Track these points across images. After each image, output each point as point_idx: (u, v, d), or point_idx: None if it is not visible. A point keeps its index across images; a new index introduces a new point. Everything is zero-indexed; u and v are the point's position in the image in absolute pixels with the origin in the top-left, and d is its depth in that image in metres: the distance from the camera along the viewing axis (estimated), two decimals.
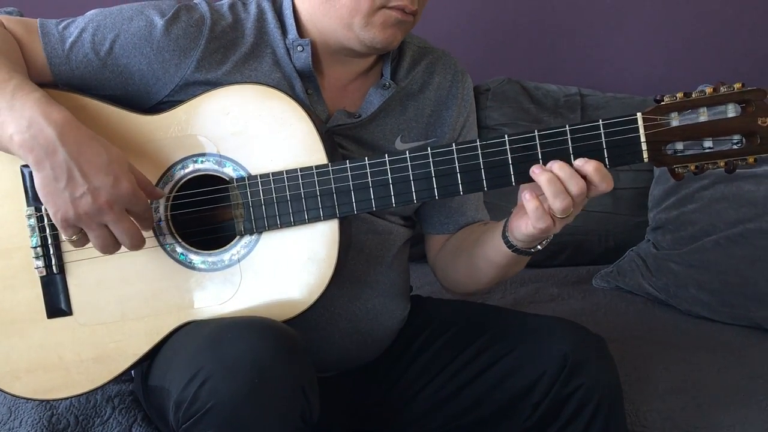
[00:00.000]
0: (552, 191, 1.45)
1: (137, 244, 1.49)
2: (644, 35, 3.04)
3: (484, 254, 1.68)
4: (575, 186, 1.45)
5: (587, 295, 2.53)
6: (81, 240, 1.48)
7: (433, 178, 1.50)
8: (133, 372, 1.81)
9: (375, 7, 1.59)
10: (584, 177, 1.45)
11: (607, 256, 2.69)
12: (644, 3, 3.02)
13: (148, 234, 1.56)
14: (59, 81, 1.62)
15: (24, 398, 1.63)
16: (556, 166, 1.45)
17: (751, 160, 1.42)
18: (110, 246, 1.49)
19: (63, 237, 1.51)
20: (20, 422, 1.74)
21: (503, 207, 2.66)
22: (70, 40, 1.61)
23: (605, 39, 3.05)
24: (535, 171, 1.46)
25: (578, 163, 1.45)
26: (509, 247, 1.59)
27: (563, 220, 1.49)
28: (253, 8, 1.70)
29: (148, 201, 1.49)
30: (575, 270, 2.69)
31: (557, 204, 1.45)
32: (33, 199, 1.56)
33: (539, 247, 1.59)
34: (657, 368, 2.10)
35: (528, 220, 1.49)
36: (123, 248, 1.54)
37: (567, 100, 2.79)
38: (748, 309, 2.36)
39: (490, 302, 2.39)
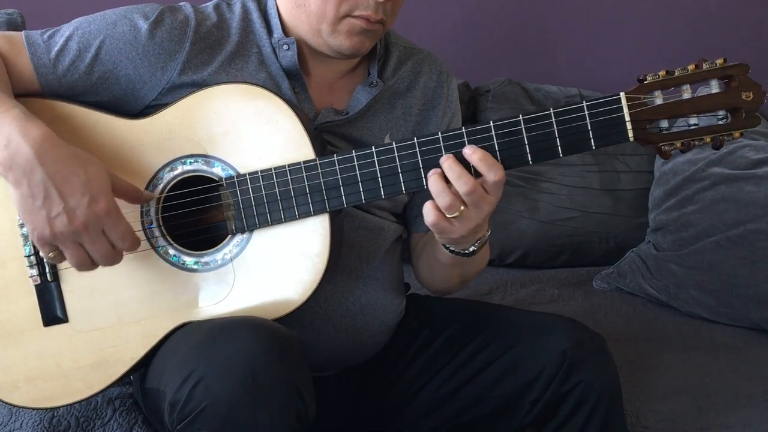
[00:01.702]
0: (434, 191, 1.48)
1: (112, 263, 1.50)
2: (644, 36, 3.06)
3: (434, 254, 1.71)
4: (464, 185, 1.47)
5: (588, 296, 2.54)
6: (58, 257, 1.48)
7: (421, 169, 1.51)
8: (131, 375, 1.81)
9: (339, 16, 1.59)
10: (474, 168, 1.48)
11: (608, 258, 2.70)
12: (644, 4, 3.04)
13: (139, 237, 1.55)
14: (47, 90, 1.61)
15: (24, 407, 1.63)
16: (446, 164, 1.48)
17: (736, 134, 1.42)
18: (86, 264, 1.49)
19: (41, 254, 1.51)
20: (21, 424, 1.75)
21: (502, 208, 2.69)
22: (56, 49, 1.61)
23: (605, 40, 3.06)
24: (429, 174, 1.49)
25: (467, 151, 1.48)
26: (445, 248, 1.62)
27: (460, 220, 1.50)
28: (237, 8, 1.70)
29: (127, 228, 1.48)
30: (576, 271, 2.70)
31: (440, 201, 1.48)
32: None
33: (472, 248, 1.60)
34: (657, 369, 2.10)
35: None
36: None
37: (567, 101, 2.81)
38: (749, 310, 2.37)
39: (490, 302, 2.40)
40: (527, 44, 3.05)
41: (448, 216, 1.49)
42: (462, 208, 1.48)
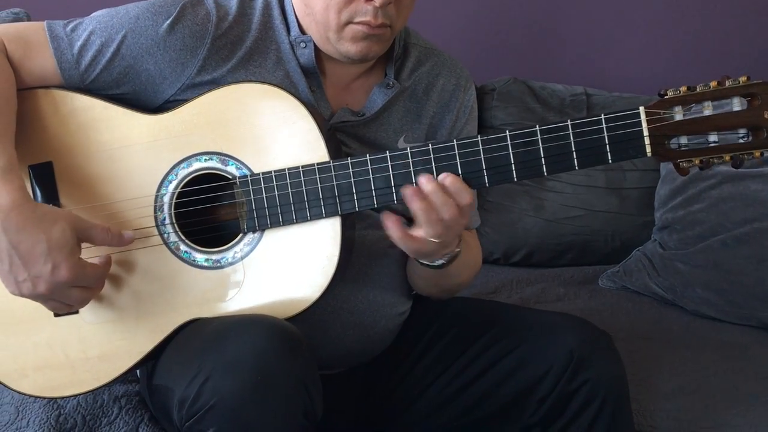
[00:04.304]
0: (424, 220, 1.50)
1: (88, 302, 1.55)
2: (650, 34, 3.05)
3: (412, 263, 1.71)
4: (448, 211, 1.49)
5: (594, 295, 2.53)
6: None
7: (435, 176, 1.50)
8: (138, 372, 1.82)
9: (341, 23, 1.59)
10: (445, 189, 1.50)
11: (614, 256, 2.70)
12: (650, 3, 3.03)
13: (152, 232, 1.58)
14: (69, 84, 1.62)
15: (31, 396, 1.64)
16: (430, 188, 1.49)
17: (757, 154, 1.40)
18: (63, 311, 1.55)
19: None
20: (28, 422, 1.74)
21: (508, 207, 2.70)
22: (79, 43, 1.61)
23: (611, 38, 3.05)
24: (408, 194, 1.50)
25: (441, 176, 1.49)
26: (415, 258, 1.64)
27: (437, 244, 1.53)
28: (259, 3, 1.69)
29: (96, 272, 1.52)
30: (581, 270, 2.70)
31: (430, 231, 1.50)
32: (40, 199, 1.58)
33: (440, 261, 1.62)
34: (664, 368, 2.10)
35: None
36: (127, 246, 1.57)
37: (573, 99, 2.80)
38: (755, 309, 2.36)
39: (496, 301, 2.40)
40: (532, 42, 3.04)
41: (434, 240, 1.51)
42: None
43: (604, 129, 1.45)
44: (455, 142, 1.49)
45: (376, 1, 1.54)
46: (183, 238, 1.58)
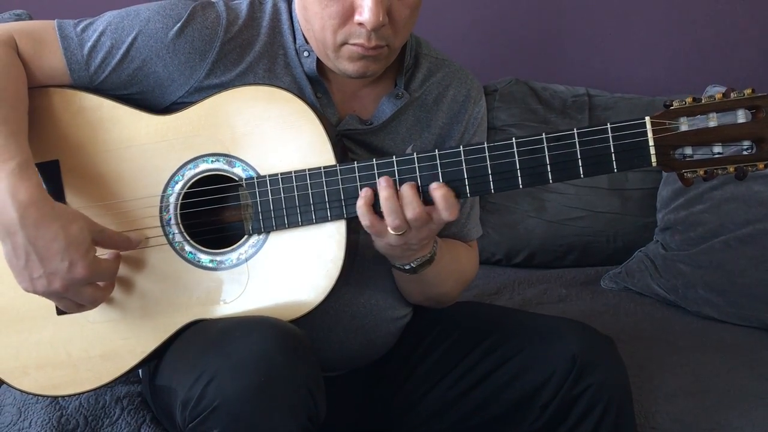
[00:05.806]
0: (387, 208, 1.50)
1: (100, 303, 1.55)
2: (652, 36, 3.05)
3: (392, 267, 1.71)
4: (411, 211, 1.50)
5: (596, 296, 2.53)
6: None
7: (441, 181, 1.50)
8: (140, 373, 1.82)
9: (337, 44, 1.58)
10: (433, 201, 1.50)
11: (616, 257, 2.70)
12: (652, 3, 3.03)
13: (157, 232, 1.58)
14: (78, 84, 1.62)
15: (32, 394, 1.64)
16: (405, 187, 1.51)
17: (761, 166, 1.41)
18: (73, 310, 1.53)
19: None
20: (30, 423, 1.75)
21: (510, 208, 2.71)
22: (89, 44, 1.61)
23: (613, 39, 3.05)
24: (382, 183, 1.51)
25: (433, 185, 1.50)
26: (390, 260, 1.64)
27: (402, 237, 1.53)
28: (269, 7, 1.69)
29: (110, 267, 1.53)
30: (583, 271, 2.70)
31: (390, 221, 1.50)
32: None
33: (412, 264, 1.62)
34: (666, 369, 2.10)
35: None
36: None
37: (575, 100, 2.80)
38: (757, 310, 2.36)
39: (497, 303, 2.41)
40: (534, 43, 3.04)
41: (392, 233, 1.51)
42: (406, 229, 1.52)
43: (610, 138, 1.45)
44: (461, 149, 1.50)
45: (367, 25, 1.53)
46: (188, 238, 1.59)
